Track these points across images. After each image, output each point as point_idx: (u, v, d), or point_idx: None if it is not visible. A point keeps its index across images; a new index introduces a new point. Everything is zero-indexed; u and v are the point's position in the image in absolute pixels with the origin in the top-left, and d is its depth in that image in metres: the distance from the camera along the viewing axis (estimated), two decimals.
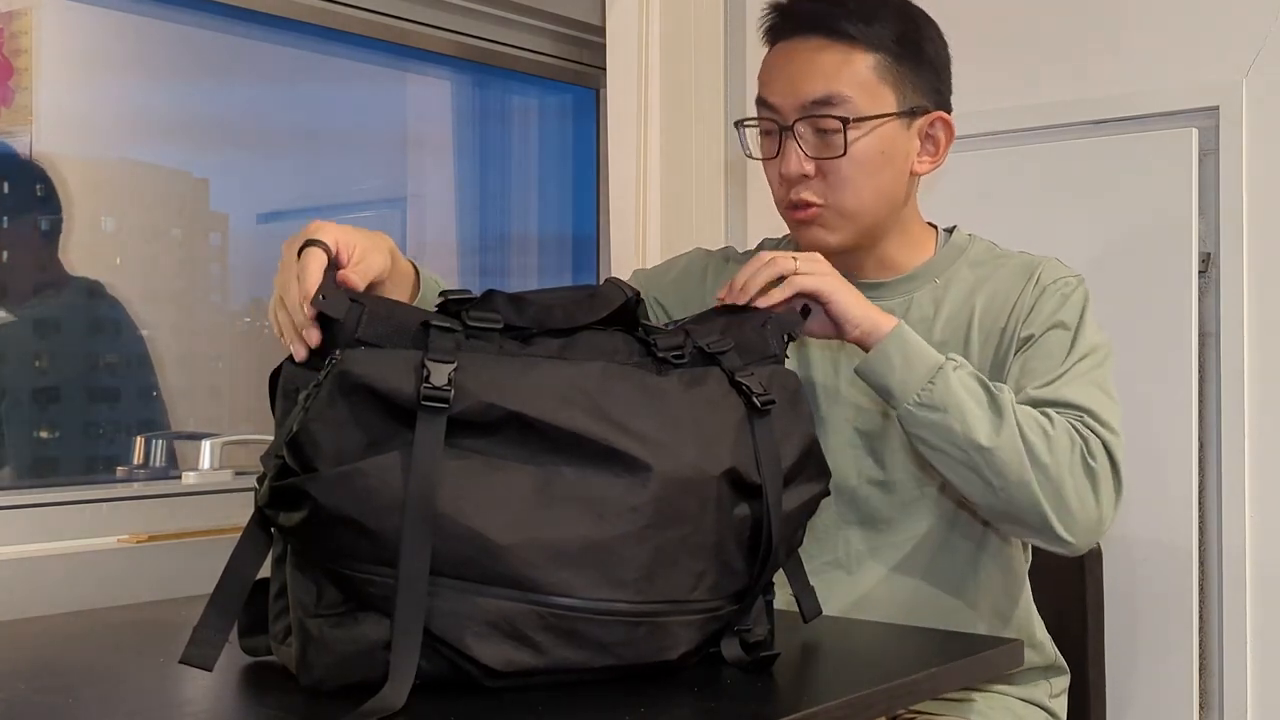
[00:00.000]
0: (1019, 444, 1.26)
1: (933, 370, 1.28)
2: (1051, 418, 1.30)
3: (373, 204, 2.34)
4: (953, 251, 1.50)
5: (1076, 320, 1.41)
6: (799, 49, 1.41)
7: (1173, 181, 2.01)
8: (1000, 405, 1.28)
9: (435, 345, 0.98)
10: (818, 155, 1.40)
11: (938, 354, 1.30)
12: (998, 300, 1.45)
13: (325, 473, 0.94)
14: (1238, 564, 1.96)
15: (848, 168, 1.39)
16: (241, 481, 1.77)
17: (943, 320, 1.46)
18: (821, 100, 1.39)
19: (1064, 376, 1.36)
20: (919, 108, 1.43)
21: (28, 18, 1.81)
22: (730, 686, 1.04)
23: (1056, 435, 1.29)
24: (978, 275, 1.48)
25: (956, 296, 1.47)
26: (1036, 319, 1.41)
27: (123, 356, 1.98)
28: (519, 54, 2.29)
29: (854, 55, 1.39)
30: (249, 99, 2.11)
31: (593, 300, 1.06)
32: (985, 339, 1.44)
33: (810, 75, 1.39)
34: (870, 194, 1.42)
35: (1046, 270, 1.45)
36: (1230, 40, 2.00)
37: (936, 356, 1.29)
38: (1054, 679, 1.54)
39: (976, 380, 1.29)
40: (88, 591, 1.49)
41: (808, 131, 1.40)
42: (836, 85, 1.38)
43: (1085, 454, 1.30)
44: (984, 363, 1.43)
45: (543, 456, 0.98)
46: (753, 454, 1.07)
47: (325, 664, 0.97)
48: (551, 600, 0.96)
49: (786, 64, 1.42)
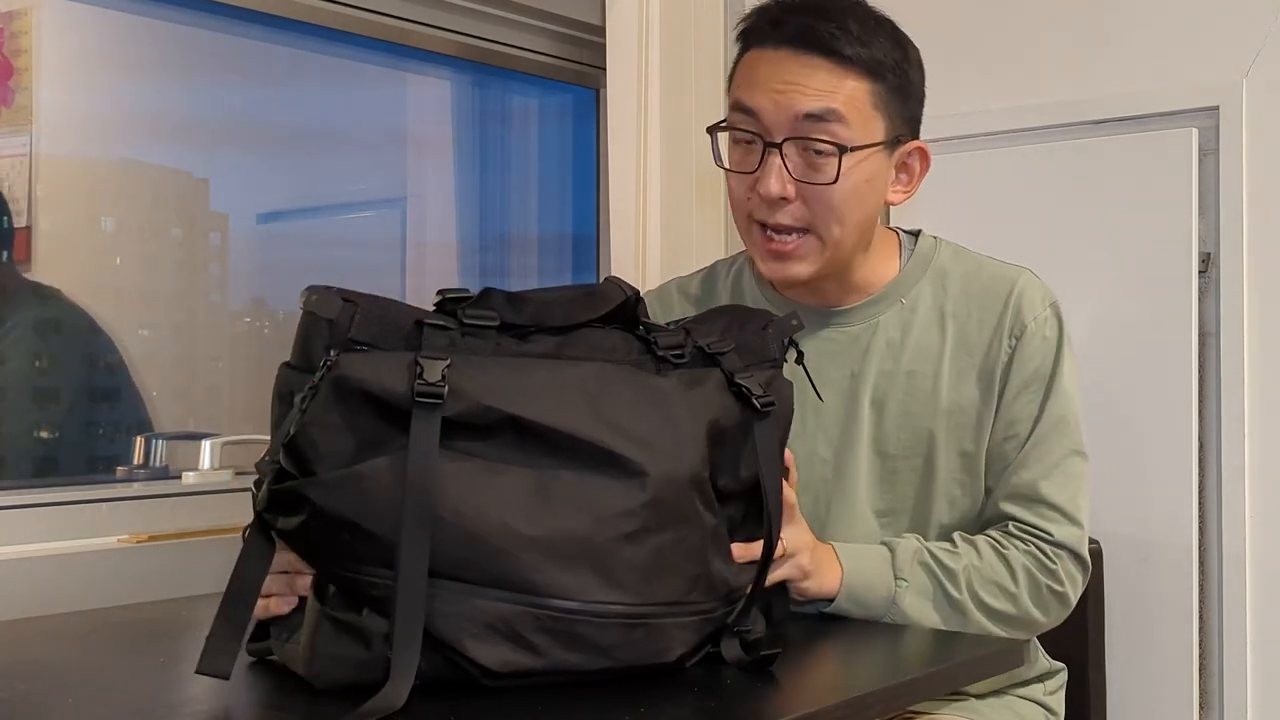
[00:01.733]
0: (985, 623, 1.35)
1: (887, 605, 1.32)
2: (1014, 568, 1.36)
3: (373, 204, 2.34)
4: (919, 264, 1.46)
5: (1051, 366, 1.42)
6: (793, 61, 1.33)
7: (1173, 181, 2.01)
8: (960, 606, 1.34)
9: (429, 343, 0.98)
10: (803, 179, 1.33)
11: (887, 581, 1.32)
12: (971, 332, 1.42)
13: (323, 476, 0.94)
14: (1238, 564, 1.96)
15: (835, 196, 1.33)
16: (241, 481, 1.77)
17: (911, 348, 1.43)
18: (816, 115, 1.32)
19: (1040, 455, 1.40)
20: (902, 136, 1.39)
21: (28, 18, 1.81)
22: (730, 686, 1.04)
23: (1020, 590, 1.36)
24: (948, 292, 1.44)
25: (926, 320, 1.44)
26: (1017, 371, 1.41)
27: (89, 360, 1.96)
28: (519, 54, 2.29)
29: (850, 80, 1.33)
30: (249, 99, 2.11)
31: (591, 298, 1.06)
32: (958, 377, 1.42)
33: (805, 90, 1.32)
34: (852, 224, 1.36)
35: (1025, 303, 1.42)
36: (1230, 40, 1.99)
37: (887, 588, 1.32)
38: (1049, 681, 1.54)
39: (932, 582, 1.33)
40: (88, 591, 1.49)
41: (795, 152, 1.33)
42: (832, 103, 1.32)
43: (1050, 585, 1.38)
44: (954, 403, 1.42)
45: (540, 459, 0.98)
46: (753, 456, 1.07)
47: (330, 655, 0.97)
48: (549, 602, 0.96)
49: (776, 73, 1.34)
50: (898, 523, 1.44)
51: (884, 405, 1.43)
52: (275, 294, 2.15)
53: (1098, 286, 2.07)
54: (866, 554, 1.34)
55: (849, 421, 1.43)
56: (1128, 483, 2.00)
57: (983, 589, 1.34)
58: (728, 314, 1.20)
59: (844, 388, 1.44)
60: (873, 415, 1.43)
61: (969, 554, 1.36)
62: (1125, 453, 2.01)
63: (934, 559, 1.34)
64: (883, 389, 1.43)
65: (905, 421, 1.42)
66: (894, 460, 1.43)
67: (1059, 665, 1.56)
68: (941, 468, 1.42)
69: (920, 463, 1.42)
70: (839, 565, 1.31)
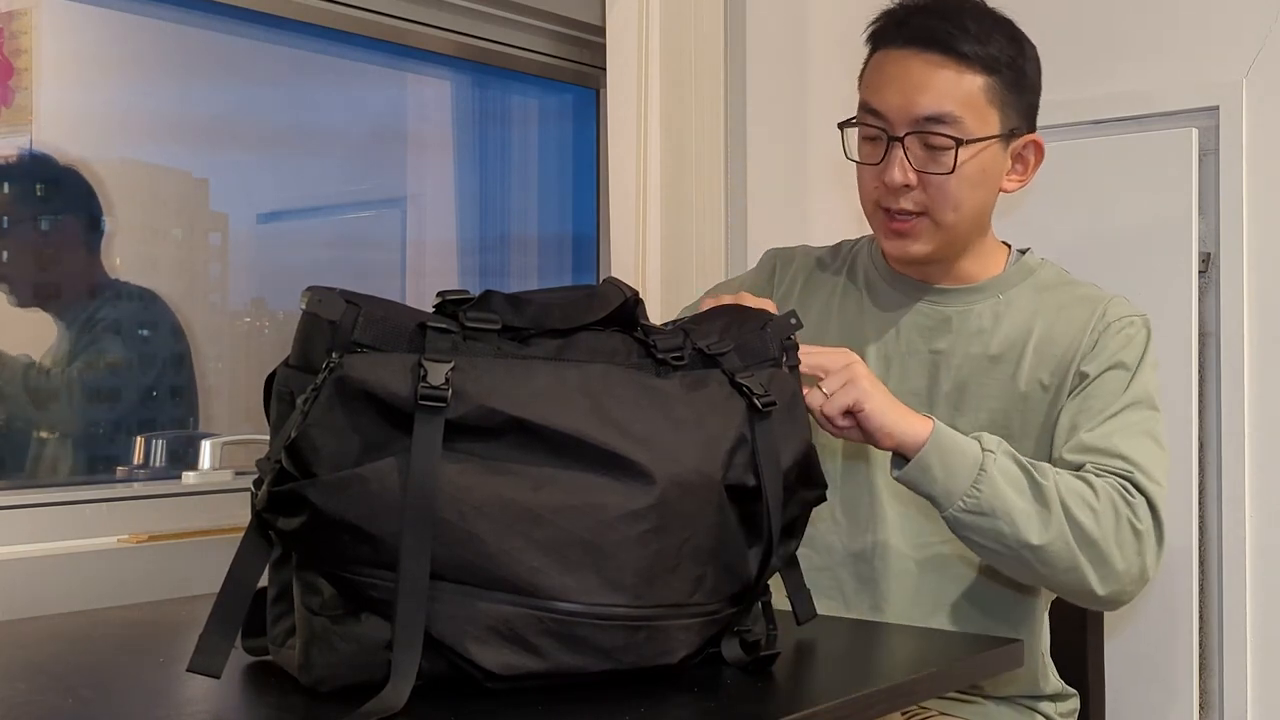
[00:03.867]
0: (1067, 533, 1.28)
1: (974, 471, 1.27)
2: (1096, 488, 1.31)
3: (373, 204, 2.34)
4: (1021, 271, 1.52)
5: (1137, 361, 1.43)
6: (913, 62, 1.41)
7: (1173, 181, 2.01)
8: (1046, 495, 1.28)
9: (432, 346, 0.98)
10: (924, 169, 1.41)
11: (976, 447, 1.29)
12: (1059, 329, 1.46)
13: (324, 478, 0.94)
14: (1238, 564, 1.96)
15: (952, 184, 1.41)
16: (241, 481, 1.77)
17: (1000, 336, 1.47)
18: (934, 117, 1.40)
19: (1118, 422, 1.38)
20: (1017, 129, 1.46)
21: (28, 18, 1.81)
22: (730, 686, 1.04)
23: (1102, 509, 1.30)
24: (1042, 299, 1.49)
25: (1017, 316, 1.48)
26: (1098, 357, 1.43)
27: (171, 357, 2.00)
28: (519, 54, 2.29)
29: (967, 76, 1.41)
30: (249, 99, 2.11)
31: (591, 300, 1.05)
32: (1039, 364, 1.45)
33: (924, 91, 1.40)
34: (967, 210, 1.44)
35: (1112, 307, 1.46)
36: (1230, 40, 2.00)
37: (975, 452, 1.28)
38: (1063, 705, 1.54)
39: (1019, 467, 1.29)
40: (88, 591, 1.49)
41: (915, 145, 1.41)
42: (950, 105, 1.40)
43: (1131, 519, 1.32)
44: (1032, 389, 1.44)
45: (544, 461, 0.98)
46: (752, 456, 1.07)
47: (327, 663, 0.97)
48: (551, 605, 0.96)
49: (900, 75, 1.42)
50: None
51: (965, 386, 1.47)
52: (275, 294, 2.15)
53: None
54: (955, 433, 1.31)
55: (930, 395, 1.48)
56: None
57: (1068, 496, 1.29)
58: (725, 314, 1.19)
59: (927, 361, 1.49)
60: (953, 394, 1.48)
61: (1050, 470, 1.32)
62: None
63: (1021, 458, 1.31)
64: (966, 370, 1.48)
65: (983, 404, 1.46)
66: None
67: (1072, 691, 1.56)
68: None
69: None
70: (929, 419, 1.29)
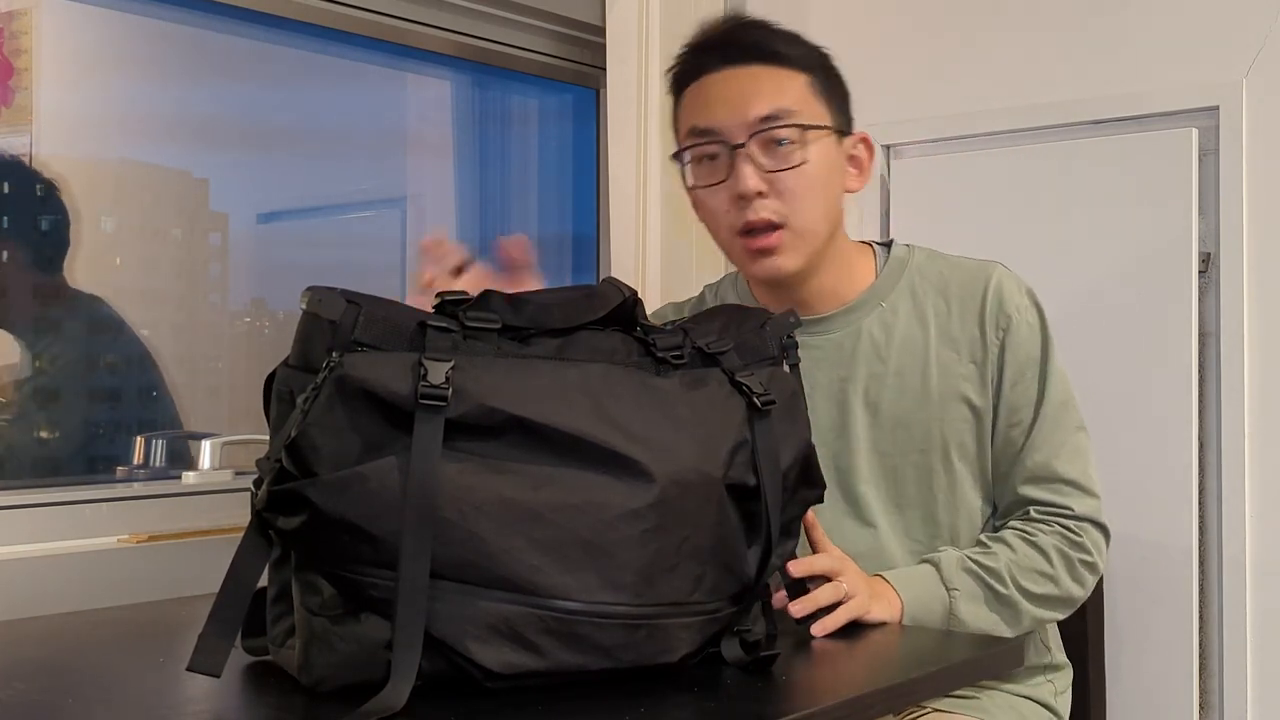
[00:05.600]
0: (1035, 611, 1.41)
1: (946, 616, 1.37)
2: (1046, 551, 1.42)
3: (373, 204, 2.34)
4: (895, 268, 1.52)
5: (1040, 350, 1.48)
6: (734, 75, 1.43)
7: (1173, 181, 2.01)
8: (1009, 600, 1.39)
9: (432, 345, 0.98)
10: (773, 169, 1.41)
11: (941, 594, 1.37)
12: (955, 329, 1.47)
13: (324, 477, 0.94)
14: (1238, 564, 1.96)
15: (803, 181, 1.41)
16: (241, 481, 1.77)
17: (896, 348, 1.47)
18: (771, 116, 1.40)
19: (1044, 434, 1.45)
20: (845, 127, 1.48)
21: (28, 18, 1.81)
22: (730, 686, 1.04)
23: (1057, 571, 1.42)
24: (926, 289, 1.49)
25: (907, 319, 1.49)
26: (1007, 361, 1.46)
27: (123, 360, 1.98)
28: (519, 54, 2.29)
29: (790, 74, 1.43)
30: (249, 99, 2.11)
31: (590, 300, 1.05)
32: (948, 366, 1.46)
33: (755, 95, 1.41)
34: (822, 210, 1.44)
35: (1005, 288, 1.48)
36: (1230, 40, 2.00)
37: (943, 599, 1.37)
38: (1057, 677, 1.55)
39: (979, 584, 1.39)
40: (88, 591, 1.49)
41: (759, 147, 1.40)
42: (783, 101, 1.41)
43: (1082, 558, 1.44)
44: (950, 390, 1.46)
45: (544, 459, 0.98)
46: (752, 455, 1.07)
47: (327, 663, 0.97)
48: (551, 603, 0.96)
49: (725, 90, 1.42)
50: (906, 519, 1.47)
51: (878, 406, 1.47)
52: (275, 294, 2.15)
53: (1098, 287, 2.07)
54: (915, 575, 1.39)
55: (844, 425, 1.47)
56: (1128, 483, 2.00)
57: (1025, 579, 1.40)
58: (724, 313, 1.19)
59: (834, 392, 1.48)
60: (867, 417, 1.47)
61: (1003, 550, 1.41)
62: (1125, 453, 2.01)
63: (975, 563, 1.40)
64: (874, 391, 1.47)
65: (900, 419, 1.46)
66: (893, 458, 1.47)
67: (1065, 661, 1.58)
68: (941, 462, 1.46)
69: (919, 458, 1.46)
70: (896, 594, 1.35)
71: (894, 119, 2.28)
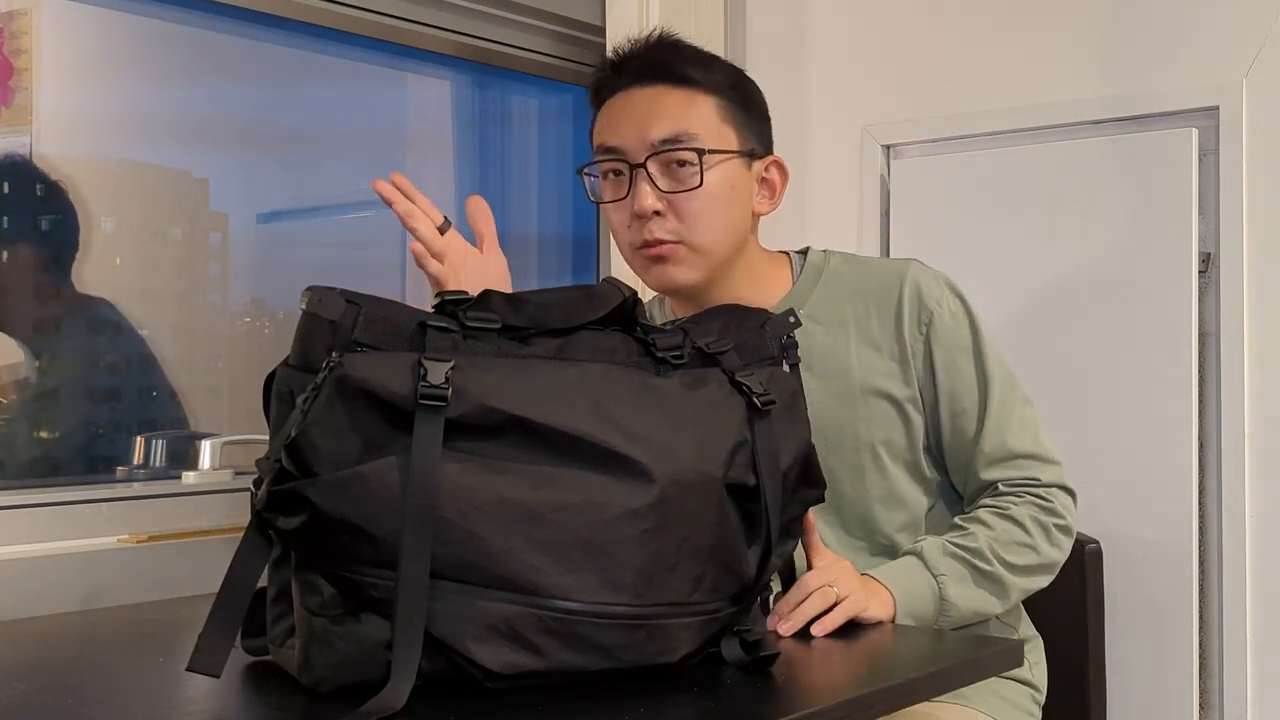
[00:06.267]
0: (1020, 582, 1.44)
1: (937, 603, 1.38)
2: (1021, 522, 1.43)
3: (373, 204, 2.33)
4: (811, 275, 1.53)
5: (970, 336, 1.49)
6: (641, 95, 1.45)
7: (1173, 181, 2.01)
8: (993, 575, 1.41)
9: (432, 345, 0.98)
10: (670, 190, 1.42)
11: (929, 581, 1.38)
12: (873, 323, 1.49)
13: (324, 477, 0.94)
14: (1238, 564, 1.96)
15: (701, 201, 1.42)
16: (241, 482, 1.77)
17: (818, 352, 1.48)
18: (671, 139, 1.42)
19: (994, 416, 1.46)
20: (756, 150, 1.48)
21: (28, 18, 1.81)
22: (730, 686, 1.04)
23: (1035, 539, 1.44)
24: (843, 293, 1.51)
25: (826, 325, 1.50)
26: (936, 354, 1.47)
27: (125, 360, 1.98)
28: (519, 54, 2.29)
29: (696, 97, 1.44)
30: (249, 99, 2.11)
31: (590, 300, 1.06)
32: (871, 366, 1.48)
33: (658, 116, 1.43)
34: (722, 228, 1.45)
35: (922, 283, 1.49)
36: (1230, 40, 2.00)
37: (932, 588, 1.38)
38: (1030, 650, 1.56)
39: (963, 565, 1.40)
40: (88, 591, 1.49)
41: (658, 168, 1.42)
42: (684, 124, 1.42)
43: (1056, 523, 1.46)
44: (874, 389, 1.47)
45: (544, 459, 0.98)
46: (752, 455, 1.07)
47: (327, 663, 0.97)
48: (551, 604, 0.96)
49: (630, 109, 1.45)
50: (843, 519, 1.49)
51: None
52: (275, 294, 2.15)
53: (1098, 286, 2.07)
54: (902, 568, 1.40)
55: None
56: (1128, 483, 2.01)
57: (1006, 552, 1.42)
58: (724, 314, 1.19)
59: None
60: None
61: (980, 530, 1.43)
62: (1125, 452, 2.01)
63: (957, 546, 1.42)
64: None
65: (826, 421, 1.46)
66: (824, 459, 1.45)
67: (1034, 632, 1.60)
68: (871, 461, 1.48)
69: (850, 457, 1.48)
70: (887, 590, 1.36)
71: (894, 119, 2.28)
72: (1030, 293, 2.13)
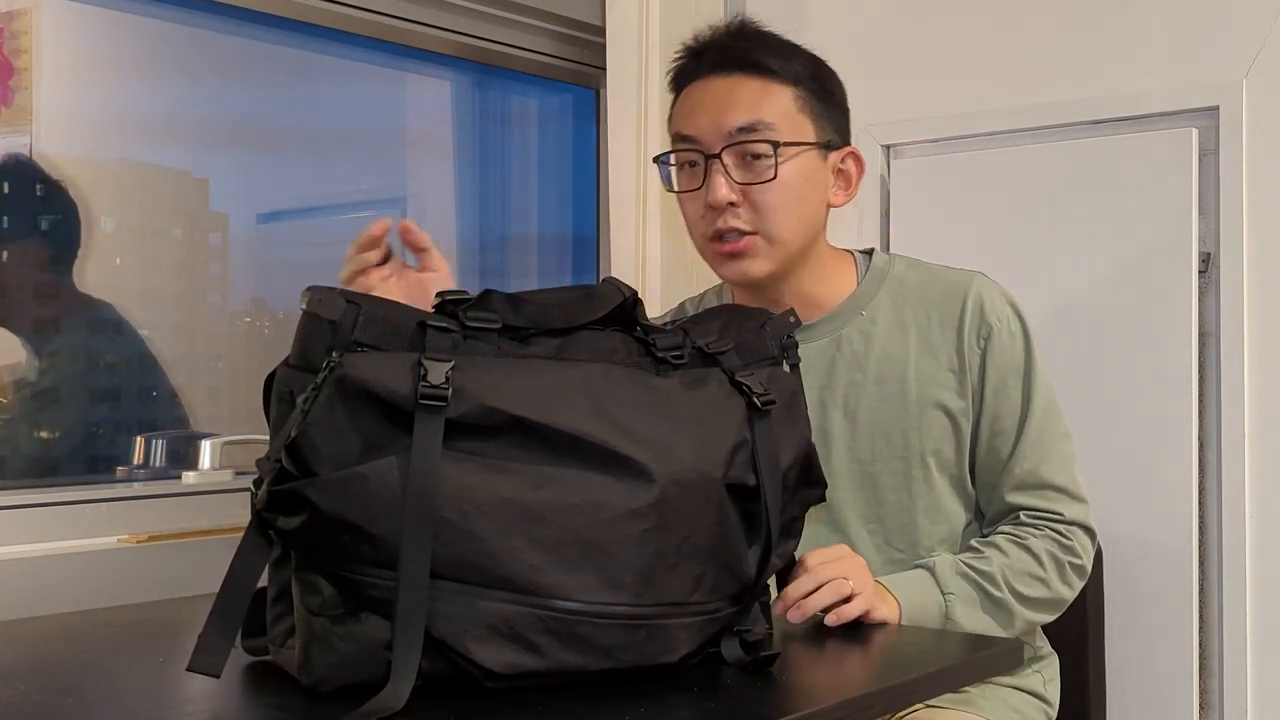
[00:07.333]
0: (1028, 614, 1.43)
1: (942, 620, 1.38)
2: (1038, 555, 1.43)
3: (373, 204, 2.34)
4: (875, 278, 1.52)
5: (1024, 359, 1.48)
6: (718, 84, 1.44)
7: (1173, 181, 2.01)
8: (1003, 603, 1.40)
9: (432, 345, 0.98)
10: (745, 181, 1.42)
11: (936, 597, 1.38)
12: (935, 337, 1.48)
13: (324, 477, 0.94)
14: (1238, 564, 1.96)
15: (776, 193, 1.42)
16: (241, 482, 1.77)
17: (876, 356, 1.48)
18: (747, 128, 1.41)
19: (1031, 442, 1.46)
20: (833, 141, 1.47)
21: (28, 18, 1.82)
22: (730, 686, 1.04)
23: (1049, 574, 1.43)
24: (906, 299, 1.50)
25: (887, 329, 1.49)
26: (989, 371, 1.46)
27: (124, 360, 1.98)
28: (519, 54, 2.29)
29: (774, 87, 1.43)
30: (249, 99, 2.11)
31: (590, 300, 1.06)
32: (928, 375, 1.47)
33: (734, 106, 1.42)
34: (796, 221, 1.44)
35: (986, 297, 1.48)
36: (1230, 40, 1.99)
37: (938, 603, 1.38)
38: (1044, 666, 1.57)
39: (973, 587, 1.40)
40: (88, 591, 1.49)
41: (733, 159, 1.42)
42: (760, 114, 1.42)
43: (1071, 561, 1.45)
44: (930, 399, 1.46)
45: (544, 459, 0.98)
46: (752, 455, 1.07)
47: (328, 663, 0.97)
48: (552, 603, 0.96)
49: (707, 98, 1.44)
50: (885, 529, 1.48)
51: (856, 414, 1.48)
52: (275, 294, 2.15)
53: (1098, 287, 2.07)
54: (911, 580, 1.39)
55: (823, 434, 1.47)
56: (1128, 483, 2.00)
57: (1018, 582, 1.41)
58: (724, 314, 1.19)
59: (814, 400, 1.48)
60: (845, 425, 1.48)
61: (996, 554, 1.42)
62: (1125, 453, 2.01)
63: (969, 567, 1.41)
64: (853, 399, 1.48)
65: (879, 428, 1.47)
66: (871, 465, 1.48)
67: (1051, 650, 1.59)
68: (920, 471, 1.47)
69: (899, 465, 1.47)
70: (894, 598, 1.35)
71: (894, 119, 2.28)
72: (1030, 293, 2.12)
